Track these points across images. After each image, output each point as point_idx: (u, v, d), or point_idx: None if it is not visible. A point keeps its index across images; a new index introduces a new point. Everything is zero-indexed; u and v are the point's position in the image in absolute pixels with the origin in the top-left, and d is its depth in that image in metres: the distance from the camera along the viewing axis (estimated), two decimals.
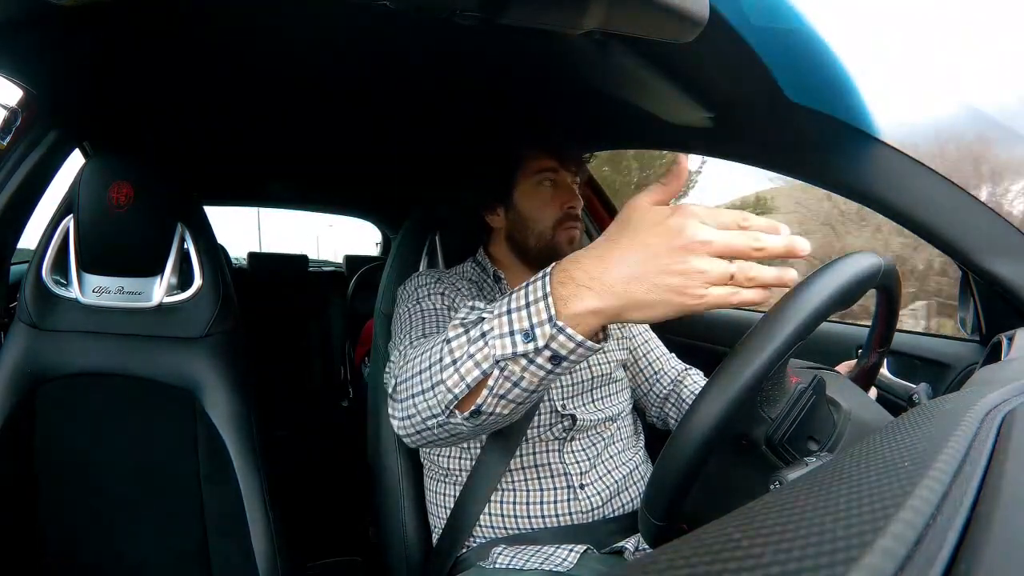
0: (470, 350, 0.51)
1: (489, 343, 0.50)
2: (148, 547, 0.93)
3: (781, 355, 0.47)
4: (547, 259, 0.89)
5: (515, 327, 0.48)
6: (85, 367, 0.94)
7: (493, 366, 0.50)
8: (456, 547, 0.81)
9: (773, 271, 0.45)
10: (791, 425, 0.54)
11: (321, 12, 0.74)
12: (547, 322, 0.47)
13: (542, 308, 0.47)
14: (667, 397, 0.99)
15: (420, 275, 0.90)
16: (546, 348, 0.47)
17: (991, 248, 0.74)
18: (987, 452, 0.29)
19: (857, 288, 0.51)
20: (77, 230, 0.92)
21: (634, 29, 0.53)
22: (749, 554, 0.19)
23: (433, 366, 0.54)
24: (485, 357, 0.50)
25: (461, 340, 0.52)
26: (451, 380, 0.52)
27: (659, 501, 0.52)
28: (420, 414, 0.57)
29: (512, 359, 0.49)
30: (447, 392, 0.53)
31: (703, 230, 0.43)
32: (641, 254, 0.44)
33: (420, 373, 0.56)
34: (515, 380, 0.50)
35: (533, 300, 0.48)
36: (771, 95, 0.70)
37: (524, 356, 0.48)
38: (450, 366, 0.52)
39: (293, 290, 2.47)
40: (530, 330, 0.48)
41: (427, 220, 1.09)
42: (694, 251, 0.43)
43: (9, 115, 0.93)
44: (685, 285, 0.43)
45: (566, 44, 0.70)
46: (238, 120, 1.33)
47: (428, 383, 0.55)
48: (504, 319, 0.49)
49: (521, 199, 0.90)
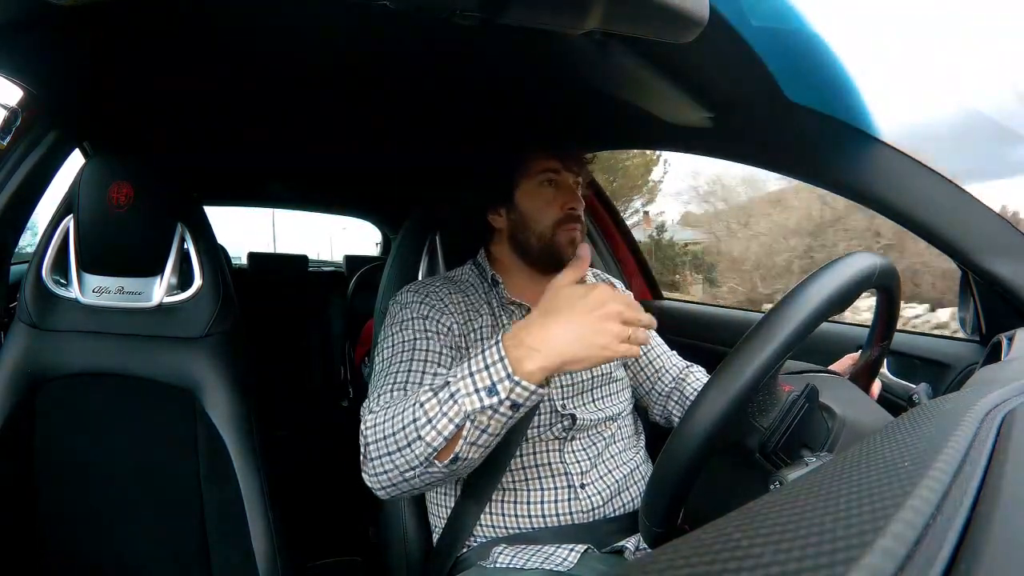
0: (443, 409, 0.61)
1: (459, 401, 0.60)
2: (148, 547, 0.93)
3: (780, 356, 0.47)
4: (548, 260, 0.90)
5: (479, 385, 0.60)
6: (85, 367, 0.94)
7: (464, 419, 0.60)
8: (456, 547, 0.81)
9: (644, 333, 0.62)
10: (784, 433, 0.54)
11: (321, 12, 0.73)
12: (506, 379, 0.59)
13: (500, 368, 0.59)
14: (670, 395, 0.99)
15: (407, 291, 0.88)
16: (507, 399, 0.59)
17: (991, 248, 0.74)
18: (987, 452, 0.29)
19: (856, 288, 0.51)
20: (77, 230, 0.92)
21: (634, 29, 0.53)
22: (749, 554, 0.19)
23: (408, 426, 0.63)
24: (457, 413, 0.60)
25: (433, 402, 0.62)
26: (429, 436, 0.62)
27: (658, 504, 0.52)
28: (397, 469, 0.66)
29: (480, 412, 0.60)
30: (427, 447, 0.62)
31: (616, 304, 0.60)
32: (576, 323, 0.59)
33: (394, 434, 0.65)
34: (483, 428, 0.61)
35: (491, 362, 0.60)
36: (771, 95, 0.70)
37: (490, 407, 0.60)
38: (426, 424, 0.62)
39: (293, 290, 2.47)
40: (492, 386, 0.59)
41: (427, 220, 1.09)
42: (611, 318, 0.59)
43: (9, 115, 0.93)
44: (606, 343, 0.59)
45: (566, 44, 0.70)
46: (238, 120, 1.33)
47: (404, 441, 0.64)
48: (468, 380, 0.61)
49: (523, 199, 0.90)
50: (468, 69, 0.95)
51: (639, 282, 1.56)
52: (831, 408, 0.57)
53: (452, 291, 0.88)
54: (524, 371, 0.59)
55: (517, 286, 0.91)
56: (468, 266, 0.96)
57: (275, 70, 0.98)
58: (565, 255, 0.88)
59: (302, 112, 1.24)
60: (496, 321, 0.87)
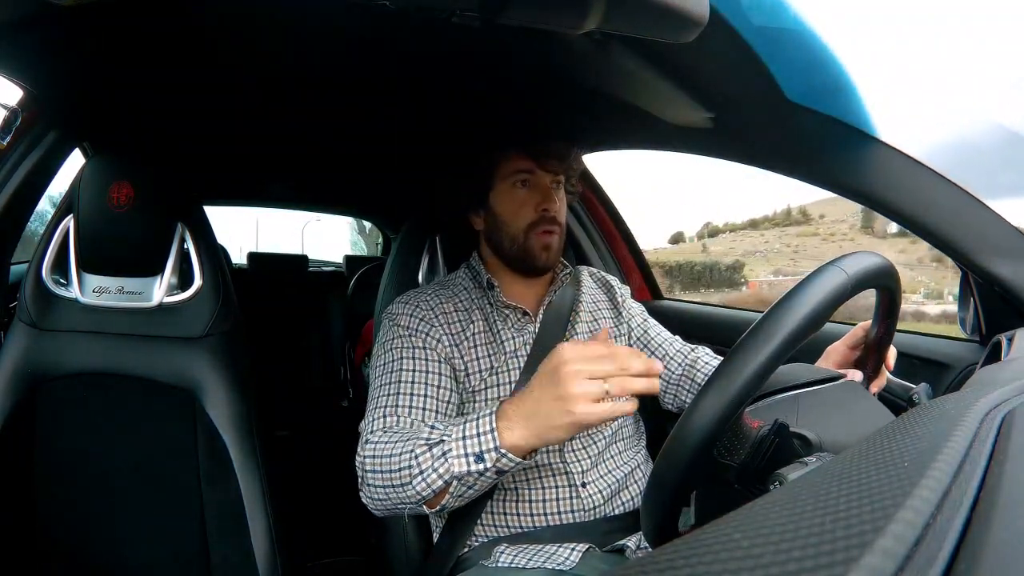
0: (434, 464, 0.65)
1: (449, 461, 0.64)
2: (148, 547, 0.93)
3: (780, 355, 0.47)
4: (521, 264, 0.89)
5: (469, 450, 0.63)
6: (85, 367, 0.94)
7: (452, 479, 0.64)
8: (457, 546, 0.81)
9: (642, 382, 0.57)
10: (756, 470, 0.52)
11: (321, 12, 0.73)
12: (493, 449, 0.62)
13: (489, 439, 0.62)
14: (680, 383, 0.97)
15: (399, 302, 0.87)
16: (493, 467, 0.62)
17: (991, 248, 0.74)
18: (987, 452, 0.29)
19: (854, 288, 0.51)
20: (77, 230, 0.92)
21: (634, 29, 0.53)
22: (749, 554, 0.19)
23: (402, 471, 0.67)
24: (447, 471, 0.64)
25: (426, 456, 0.65)
26: (419, 486, 0.66)
27: (658, 504, 0.52)
28: (391, 500, 0.70)
29: (468, 475, 0.63)
30: (416, 495, 0.67)
31: (573, 364, 0.57)
32: (539, 394, 0.60)
33: (389, 473, 0.68)
34: (469, 485, 0.65)
35: (483, 431, 0.63)
36: (771, 95, 0.70)
37: (476, 472, 0.63)
38: (417, 476, 0.66)
39: (293, 290, 2.47)
40: (480, 455, 0.62)
41: (427, 221, 1.09)
42: (571, 379, 0.56)
43: (9, 115, 0.93)
44: (574, 408, 0.56)
45: (565, 44, 0.70)
46: (238, 120, 1.33)
47: (398, 482, 0.68)
48: (460, 443, 0.64)
49: (496, 201, 0.89)
50: (467, 69, 0.94)
51: (639, 281, 1.56)
52: (805, 436, 0.54)
53: (444, 299, 0.87)
54: (509, 443, 0.61)
55: (509, 289, 0.91)
56: (463, 269, 0.95)
57: (275, 70, 0.98)
58: (538, 261, 0.87)
59: (302, 112, 1.24)
60: (490, 327, 0.87)
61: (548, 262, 0.89)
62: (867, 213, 6.02)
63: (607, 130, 1.16)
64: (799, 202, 7.44)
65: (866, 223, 6.13)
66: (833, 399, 0.60)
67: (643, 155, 1.19)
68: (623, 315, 1.00)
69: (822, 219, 6.99)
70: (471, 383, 0.83)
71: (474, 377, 0.83)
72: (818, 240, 6.54)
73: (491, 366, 0.84)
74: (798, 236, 6.63)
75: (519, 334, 0.88)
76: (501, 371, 0.84)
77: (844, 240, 6.26)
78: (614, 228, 1.55)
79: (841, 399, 0.61)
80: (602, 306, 0.99)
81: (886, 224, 5.41)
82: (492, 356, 0.85)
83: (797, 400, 0.57)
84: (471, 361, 0.84)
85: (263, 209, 2.89)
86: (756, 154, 0.92)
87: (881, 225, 5.72)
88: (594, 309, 0.97)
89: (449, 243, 1.09)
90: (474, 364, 0.84)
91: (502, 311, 0.89)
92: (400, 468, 0.67)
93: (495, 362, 0.84)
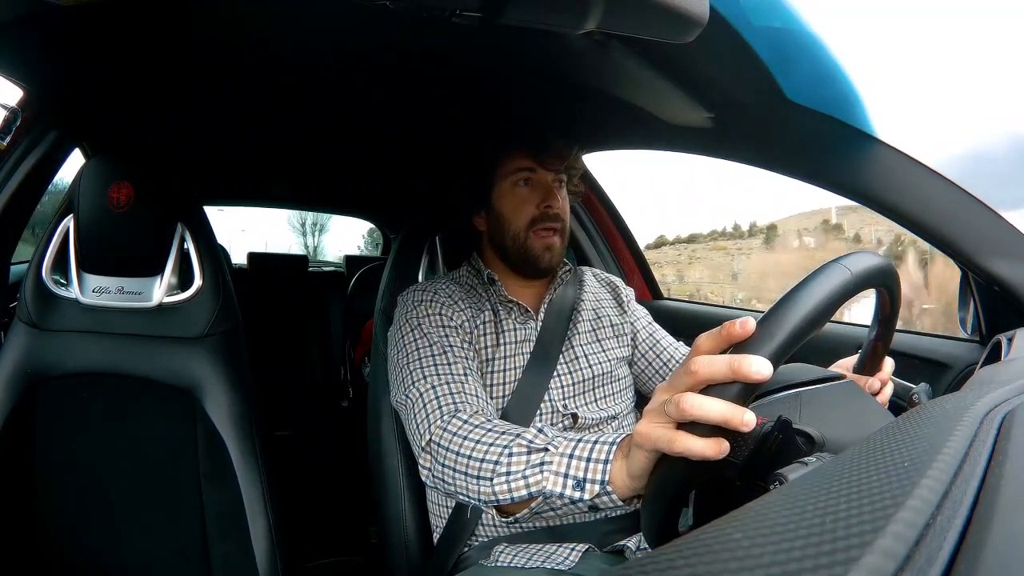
0: (526, 472, 0.57)
1: (545, 474, 0.56)
2: (148, 547, 0.93)
3: (782, 354, 0.47)
4: (524, 265, 0.89)
5: (571, 472, 0.54)
6: (85, 367, 0.94)
7: (540, 493, 0.56)
8: (457, 546, 0.81)
9: (739, 416, 0.44)
10: (759, 467, 0.52)
11: (320, 12, 0.73)
12: (598, 483, 0.53)
13: (599, 470, 0.53)
14: None
15: (416, 289, 0.89)
16: (590, 500, 0.53)
17: (991, 248, 0.74)
18: (987, 452, 0.29)
19: (857, 287, 0.50)
20: (77, 230, 0.92)
21: (634, 29, 0.53)
22: (749, 554, 0.19)
23: (486, 463, 0.60)
24: (537, 483, 0.56)
25: (522, 459, 0.58)
26: (500, 487, 0.58)
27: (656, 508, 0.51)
28: (455, 485, 0.63)
29: (559, 496, 0.55)
30: (492, 495, 0.59)
31: (661, 403, 0.46)
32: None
33: (470, 458, 0.62)
34: (553, 506, 0.57)
35: (595, 459, 0.54)
36: (771, 95, 0.70)
37: (569, 499, 0.54)
38: (503, 475, 0.58)
39: (293, 290, 2.47)
40: (582, 482, 0.54)
41: (428, 221, 1.09)
42: (654, 417, 0.46)
43: (9, 115, 0.93)
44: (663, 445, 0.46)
45: (564, 44, 0.70)
46: (238, 120, 1.33)
47: (475, 473, 0.61)
48: (564, 460, 0.55)
49: (498, 200, 0.89)
50: (467, 69, 0.94)
51: (638, 281, 1.56)
52: (808, 433, 0.55)
53: (457, 288, 0.89)
54: (618, 481, 0.52)
55: (510, 288, 0.91)
56: (464, 268, 0.96)
57: (275, 70, 0.98)
58: (541, 262, 0.88)
59: (302, 112, 1.24)
60: (497, 318, 0.88)
61: (550, 263, 0.89)
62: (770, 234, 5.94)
63: (607, 130, 1.16)
64: (768, 217, 6.85)
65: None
66: (834, 398, 0.60)
67: (643, 155, 1.19)
68: (628, 315, 1.00)
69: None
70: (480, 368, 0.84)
71: (484, 364, 0.85)
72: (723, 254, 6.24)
73: (498, 355, 0.85)
74: (711, 250, 6.34)
75: (522, 328, 0.89)
76: (505, 359, 0.86)
77: (739, 254, 6.12)
78: (615, 228, 1.55)
79: (841, 399, 0.61)
80: (605, 304, 0.99)
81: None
82: (498, 346, 0.86)
83: (799, 398, 0.57)
84: (482, 349, 0.85)
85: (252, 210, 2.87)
86: (756, 154, 0.92)
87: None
88: (597, 307, 0.97)
89: (450, 243, 1.09)
90: (484, 352, 0.85)
91: (506, 305, 0.89)
92: (486, 459, 0.60)
93: (502, 352, 0.86)
